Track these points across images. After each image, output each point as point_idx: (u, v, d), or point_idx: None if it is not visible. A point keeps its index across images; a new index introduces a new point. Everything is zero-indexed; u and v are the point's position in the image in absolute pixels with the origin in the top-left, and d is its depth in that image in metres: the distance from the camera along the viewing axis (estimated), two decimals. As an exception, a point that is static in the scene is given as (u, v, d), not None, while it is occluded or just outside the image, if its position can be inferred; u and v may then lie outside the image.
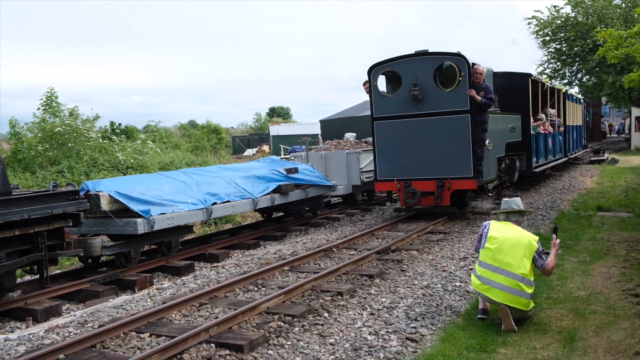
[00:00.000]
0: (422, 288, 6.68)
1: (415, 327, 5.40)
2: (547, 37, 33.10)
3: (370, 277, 7.13)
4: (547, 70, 34.11)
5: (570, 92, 20.68)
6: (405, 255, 8.27)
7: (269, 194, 11.09)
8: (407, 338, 5.13)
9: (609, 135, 50.79)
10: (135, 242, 8.56)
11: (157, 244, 9.22)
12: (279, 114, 79.58)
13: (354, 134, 18.12)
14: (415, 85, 10.56)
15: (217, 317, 5.78)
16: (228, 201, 10.06)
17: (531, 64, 34.23)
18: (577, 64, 33.55)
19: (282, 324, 5.57)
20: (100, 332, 5.27)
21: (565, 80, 34.43)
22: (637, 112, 31.78)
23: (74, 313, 6.79)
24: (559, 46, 33.35)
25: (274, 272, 7.61)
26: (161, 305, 6.07)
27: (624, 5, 30.57)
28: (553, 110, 17.38)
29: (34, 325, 6.47)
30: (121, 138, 23.73)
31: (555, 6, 32.86)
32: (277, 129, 47.66)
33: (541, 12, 33.16)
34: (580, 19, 31.36)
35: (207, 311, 6.10)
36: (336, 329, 5.46)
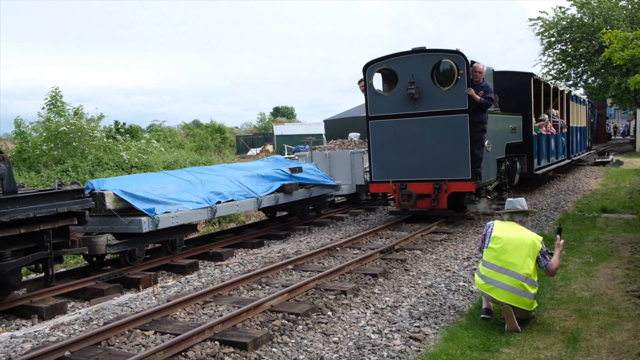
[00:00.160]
0: (425, 287, 6.69)
1: (418, 327, 5.41)
2: (552, 38, 33.04)
3: (373, 276, 7.15)
4: (552, 72, 34.06)
5: (575, 94, 20.54)
6: (409, 255, 8.28)
7: (273, 193, 11.09)
8: (411, 337, 5.15)
9: (613, 137, 50.59)
10: (139, 241, 8.59)
11: (162, 243, 9.24)
12: (283, 113, 79.78)
13: (358, 133, 18.08)
14: (412, 84, 10.18)
15: (221, 315, 5.80)
16: (232, 200, 10.06)
17: (535, 64, 34.05)
18: (582, 65, 33.44)
19: (286, 322, 5.59)
20: (105, 330, 5.29)
21: (571, 82, 34.35)
22: (642, 114, 31.72)
23: (79, 311, 6.82)
24: (564, 47, 33.27)
25: (277, 271, 7.64)
26: (166, 303, 6.09)
27: (630, 7, 30.47)
28: (556, 111, 17.10)
29: (40, 322, 6.51)
30: (125, 137, 23.79)
31: (561, 7, 32.87)
32: (281, 129, 47.76)
33: (546, 13, 33.19)
34: (586, 20, 31.26)
35: (212, 309, 6.13)
36: (340, 328, 5.48)
